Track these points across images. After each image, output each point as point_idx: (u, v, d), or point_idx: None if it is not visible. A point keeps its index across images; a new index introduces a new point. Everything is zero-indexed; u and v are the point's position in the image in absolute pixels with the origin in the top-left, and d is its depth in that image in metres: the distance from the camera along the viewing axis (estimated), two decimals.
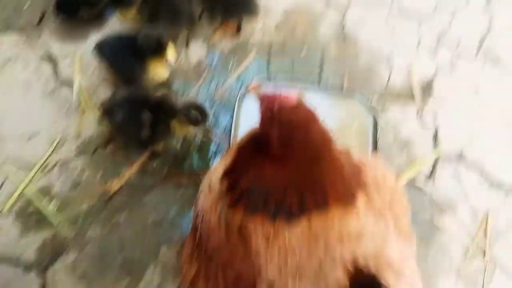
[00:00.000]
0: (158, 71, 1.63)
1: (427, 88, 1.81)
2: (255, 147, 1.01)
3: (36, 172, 1.53)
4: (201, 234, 1.06)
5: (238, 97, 1.65)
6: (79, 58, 1.76)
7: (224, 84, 1.77)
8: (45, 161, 1.55)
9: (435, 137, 1.73)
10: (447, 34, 1.93)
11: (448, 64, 1.86)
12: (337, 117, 1.66)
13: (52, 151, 1.57)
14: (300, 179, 0.92)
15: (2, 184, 1.53)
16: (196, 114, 1.50)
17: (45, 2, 1.86)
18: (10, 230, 1.47)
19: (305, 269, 0.90)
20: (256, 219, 0.93)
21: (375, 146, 1.63)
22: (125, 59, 1.60)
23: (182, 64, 1.77)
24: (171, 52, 1.61)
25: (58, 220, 1.49)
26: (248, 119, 1.58)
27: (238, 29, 1.85)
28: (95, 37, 1.78)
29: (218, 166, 1.11)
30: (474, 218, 1.61)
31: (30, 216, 1.49)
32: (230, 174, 1.04)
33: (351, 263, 0.89)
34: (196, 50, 1.81)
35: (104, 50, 1.61)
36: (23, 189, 1.51)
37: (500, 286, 1.53)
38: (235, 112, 1.63)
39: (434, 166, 1.68)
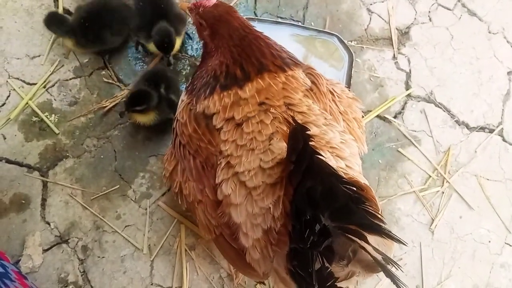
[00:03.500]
0: None
1: (404, 35, 2.14)
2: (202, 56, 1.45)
3: (39, 87, 1.86)
4: (177, 133, 1.42)
5: None
6: None
7: None
8: (47, 78, 1.88)
9: (408, 79, 2.07)
10: None
11: (426, 13, 2.20)
12: (316, 55, 2.00)
13: (53, 70, 1.90)
14: (236, 56, 1.31)
15: (8, 96, 1.86)
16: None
17: None
18: (16, 137, 1.81)
19: (256, 142, 1.21)
20: (214, 96, 1.29)
21: (348, 82, 1.97)
22: None
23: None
24: None
25: (58, 130, 1.83)
26: None
27: None
28: None
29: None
30: (437, 151, 1.96)
31: (33, 126, 1.83)
32: (190, 81, 1.47)
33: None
34: None
35: None
36: (27, 101, 1.84)
37: (455, 210, 1.89)
38: None
39: (404, 104, 2.03)
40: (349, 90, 1.57)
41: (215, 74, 1.35)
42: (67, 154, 1.81)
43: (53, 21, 1.83)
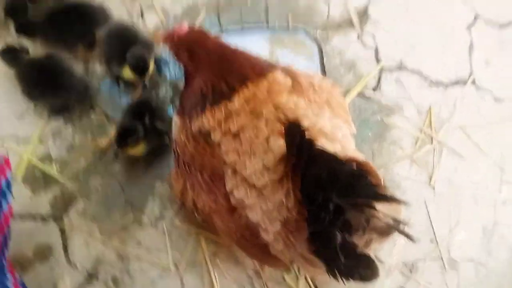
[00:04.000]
0: None
1: (363, 15, 2.25)
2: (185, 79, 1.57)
3: (35, 142, 1.93)
4: (178, 153, 1.52)
5: None
6: None
7: None
8: (41, 132, 1.95)
9: (376, 54, 2.18)
10: None
11: None
12: (287, 51, 2.10)
13: (45, 123, 1.97)
14: (217, 72, 1.41)
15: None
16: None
17: None
18: (23, 193, 1.87)
19: (255, 145, 1.30)
20: (206, 114, 1.38)
21: (323, 70, 2.08)
22: None
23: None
24: None
25: (62, 178, 1.89)
26: None
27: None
28: None
29: None
30: (419, 113, 2.08)
31: (37, 179, 1.90)
32: (179, 104, 1.59)
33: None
34: (152, 18, 2.22)
35: None
36: (28, 157, 1.91)
37: (448, 163, 2.01)
38: None
39: (379, 78, 2.14)
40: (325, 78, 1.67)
41: (202, 93, 1.44)
42: (76, 197, 1.88)
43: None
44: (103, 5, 2.08)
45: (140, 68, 1.89)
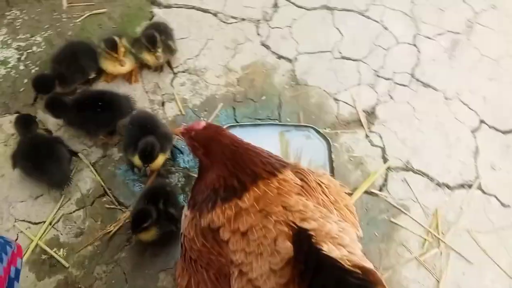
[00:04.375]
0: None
1: (371, 114, 2.38)
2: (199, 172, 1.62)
3: (47, 226, 1.96)
4: (186, 248, 1.53)
5: None
6: None
7: None
8: (54, 216, 1.99)
9: (384, 153, 2.26)
10: (383, 68, 2.55)
11: (386, 93, 2.46)
12: (297, 147, 2.17)
13: (59, 206, 2.02)
14: (231, 169, 1.45)
15: (16, 239, 1.94)
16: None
17: None
18: (27, 278, 1.86)
19: (263, 246, 1.31)
20: (216, 210, 1.41)
21: (331, 166, 2.14)
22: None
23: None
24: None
25: (68, 264, 1.89)
26: None
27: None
28: None
29: None
30: (426, 214, 2.10)
31: (43, 264, 1.90)
32: (191, 196, 1.62)
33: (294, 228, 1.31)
34: (172, 108, 2.36)
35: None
36: (37, 241, 1.93)
37: (456, 267, 1.98)
38: None
39: (386, 177, 2.19)
40: (333, 175, 1.72)
41: (214, 187, 1.49)
42: (79, 286, 1.86)
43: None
44: (129, 95, 2.22)
45: (145, 155, 1.95)
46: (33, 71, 2.40)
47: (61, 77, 2.24)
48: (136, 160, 1.99)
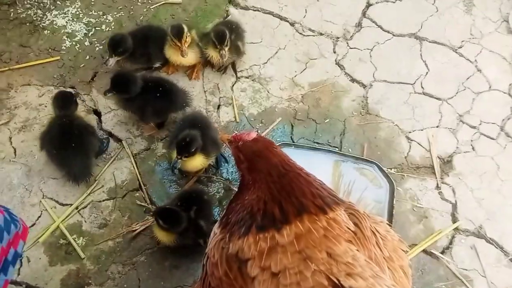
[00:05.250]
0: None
1: (447, 163, 2.08)
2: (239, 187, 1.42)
3: (72, 210, 1.86)
4: (207, 271, 1.33)
5: None
6: None
7: None
8: (82, 200, 1.89)
9: (454, 210, 1.96)
10: (469, 114, 2.25)
11: (469, 142, 2.15)
12: (354, 182, 1.91)
13: (90, 192, 1.91)
14: (275, 193, 1.24)
15: (39, 216, 1.85)
16: None
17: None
18: (40, 260, 1.76)
19: None
20: (249, 238, 1.20)
21: (390, 213, 1.87)
22: None
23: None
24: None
25: (84, 255, 1.77)
26: None
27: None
28: None
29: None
30: None
31: (59, 249, 1.79)
32: (225, 213, 1.41)
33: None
34: (228, 112, 2.21)
35: None
36: (59, 224, 1.83)
37: None
38: None
39: (452, 239, 1.89)
40: (391, 224, 1.47)
41: (252, 211, 1.28)
42: (90, 281, 1.73)
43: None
44: (186, 91, 2.09)
45: (181, 144, 1.79)
46: (97, 49, 2.33)
47: (132, 52, 2.16)
48: (173, 154, 1.83)
